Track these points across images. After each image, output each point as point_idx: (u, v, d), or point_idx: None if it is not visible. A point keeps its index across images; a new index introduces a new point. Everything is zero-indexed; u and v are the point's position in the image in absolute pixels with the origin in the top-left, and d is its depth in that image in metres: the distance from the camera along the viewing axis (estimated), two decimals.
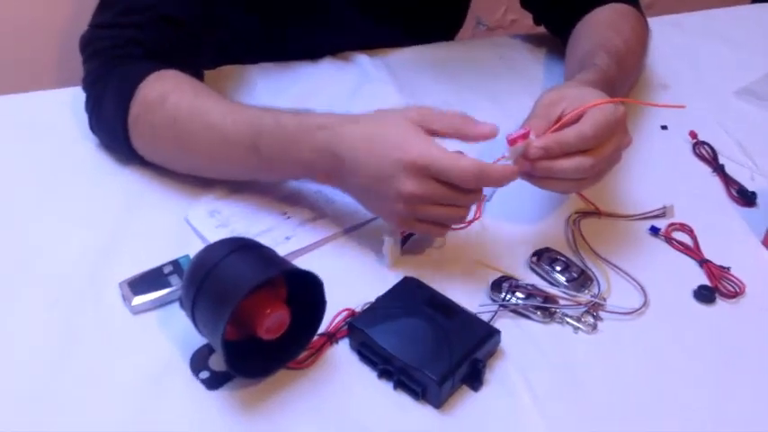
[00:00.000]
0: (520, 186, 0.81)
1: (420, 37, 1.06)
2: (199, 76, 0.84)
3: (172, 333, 0.66)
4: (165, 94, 0.76)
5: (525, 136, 0.69)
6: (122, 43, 0.80)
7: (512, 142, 0.69)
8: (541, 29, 1.06)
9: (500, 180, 0.68)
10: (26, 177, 0.82)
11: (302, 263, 0.74)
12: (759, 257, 0.77)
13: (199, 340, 0.64)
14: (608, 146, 0.70)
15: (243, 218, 0.77)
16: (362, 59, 1.00)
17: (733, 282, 0.73)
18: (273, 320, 0.60)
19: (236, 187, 0.80)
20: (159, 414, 0.61)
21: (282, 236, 0.75)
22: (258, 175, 0.77)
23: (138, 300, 0.68)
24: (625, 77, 0.87)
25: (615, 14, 0.95)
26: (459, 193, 0.67)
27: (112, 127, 0.79)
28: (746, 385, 0.66)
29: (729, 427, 0.63)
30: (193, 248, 0.67)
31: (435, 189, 0.67)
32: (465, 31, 1.78)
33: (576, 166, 0.69)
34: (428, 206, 0.68)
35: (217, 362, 0.63)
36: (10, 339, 0.66)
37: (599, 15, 0.96)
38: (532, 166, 0.69)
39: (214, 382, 0.63)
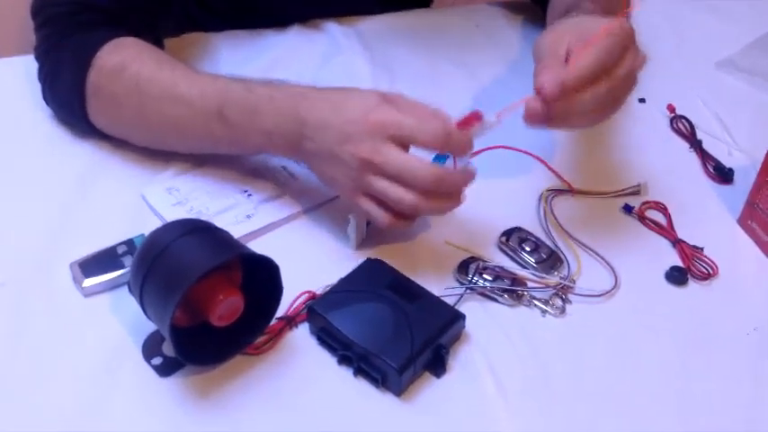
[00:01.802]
0: (490, 163, 0.79)
1: (394, 3, 1.02)
2: (159, 44, 0.80)
3: (124, 317, 0.64)
4: (125, 62, 0.73)
5: (477, 117, 0.66)
6: (77, 10, 0.76)
7: (462, 125, 0.65)
8: None
9: (465, 146, 0.65)
10: None
11: (263, 242, 0.71)
12: (734, 237, 0.75)
13: (152, 325, 0.62)
14: (621, 67, 0.66)
15: (202, 195, 0.74)
16: (333, 28, 0.97)
17: (706, 263, 0.71)
18: (226, 307, 0.57)
19: (196, 163, 0.77)
20: (110, 401, 0.59)
21: (243, 214, 0.72)
22: (221, 147, 0.73)
23: (90, 281, 0.65)
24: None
25: None
26: (417, 172, 0.63)
27: (68, 98, 0.75)
28: (717, 369, 0.64)
29: (699, 410, 0.61)
30: (150, 227, 0.64)
31: (393, 157, 0.63)
32: None
33: (592, 97, 0.65)
34: (381, 179, 0.64)
35: (170, 347, 0.61)
36: None
37: None
38: (549, 109, 0.65)
39: (167, 369, 0.61)
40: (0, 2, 1.15)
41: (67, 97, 0.75)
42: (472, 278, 0.68)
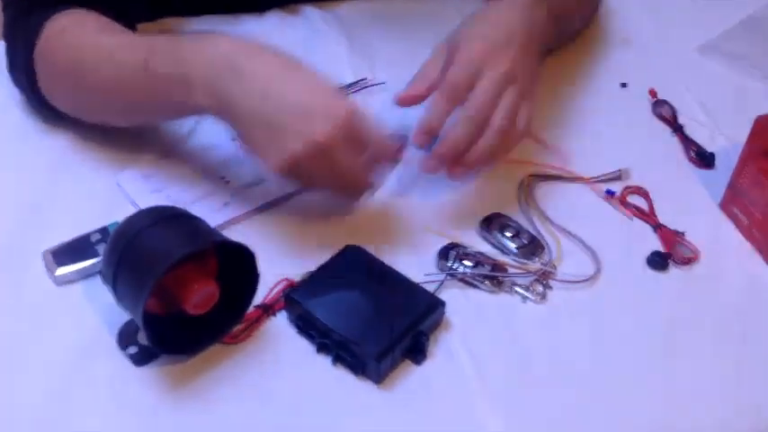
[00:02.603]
0: None
1: None
2: (129, 26, 0.77)
3: (99, 305, 0.63)
4: (65, 28, 0.71)
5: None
6: None
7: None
8: None
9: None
10: None
11: (241, 230, 0.70)
12: (715, 222, 0.75)
13: (127, 313, 0.61)
14: (478, 89, 0.66)
15: (179, 182, 0.73)
16: (312, 12, 0.95)
17: (687, 247, 0.71)
18: (201, 295, 0.56)
19: (173, 149, 0.76)
20: (84, 390, 0.58)
21: (221, 201, 0.71)
22: (147, 107, 0.70)
23: (63, 270, 0.64)
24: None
25: None
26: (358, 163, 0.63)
27: (21, 73, 0.74)
28: (698, 354, 0.64)
29: (680, 396, 0.61)
30: (125, 215, 0.62)
31: (348, 147, 0.62)
32: None
33: (461, 133, 0.66)
34: (324, 166, 0.62)
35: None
36: None
37: None
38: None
39: (142, 358, 0.60)
40: None
41: (20, 73, 0.74)
42: (452, 264, 0.67)
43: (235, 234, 0.68)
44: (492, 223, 0.71)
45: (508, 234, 0.70)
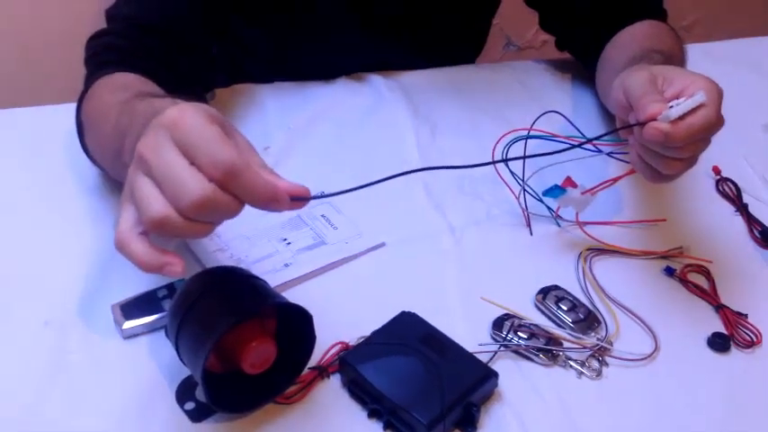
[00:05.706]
0: (531, 219, 0.79)
1: (439, 60, 1.04)
2: (193, 90, 0.80)
3: (161, 360, 0.65)
4: (97, 85, 0.73)
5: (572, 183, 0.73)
6: (100, 50, 0.78)
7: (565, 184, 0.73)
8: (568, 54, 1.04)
9: (255, 194, 0.50)
10: (29, 192, 0.81)
11: (300, 291, 0.72)
12: None
13: (187, 369, 0.62)
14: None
15: (243, 242, 0.75)
16: (377, 81, 0.98)
17: (749, 330, 0.69)
18: (258, 355, 0.58)
19: None
20: None
21: (281, 262, 0.73)
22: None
23: (129, 324, 0.66)
24: None
25: (652, 28, 0.91)
26: (185, 186, 0.48)
27: (76, 126, 0.77)
28: None
29: None
30: (191, 272, 0.64)
31: (165, 159, 0.48)
32: (494, 52, 1.75)
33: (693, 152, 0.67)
34: (146, 180, 0.49)
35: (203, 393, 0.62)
36: None
37: (635, 29, 0.91)
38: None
39: (199, 414, 0.61)
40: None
41: (77, 127, 0.77)
42: (507, 335, 0.67)
43: (294, 295, 0.70)
44: (548, 295, 0.71)
45: (564, 307, 0.70)
